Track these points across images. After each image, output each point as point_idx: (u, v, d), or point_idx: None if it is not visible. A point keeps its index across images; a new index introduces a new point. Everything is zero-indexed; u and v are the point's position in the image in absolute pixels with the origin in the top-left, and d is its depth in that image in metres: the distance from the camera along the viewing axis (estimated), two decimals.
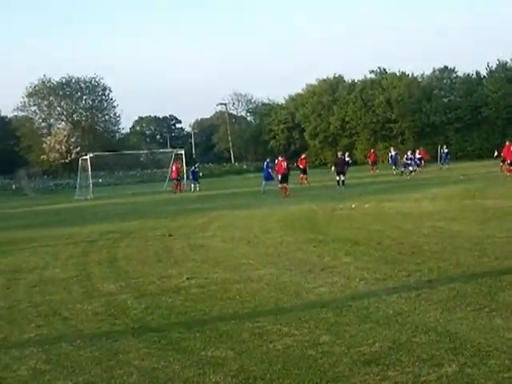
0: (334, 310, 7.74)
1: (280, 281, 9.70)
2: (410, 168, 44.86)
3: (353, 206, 21.86)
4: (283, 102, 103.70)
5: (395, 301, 7.97)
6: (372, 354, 6.07)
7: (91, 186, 46.95)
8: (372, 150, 45.67)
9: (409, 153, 47.16)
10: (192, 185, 43.76)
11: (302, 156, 44.05)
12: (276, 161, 35.17)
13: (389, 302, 7.91)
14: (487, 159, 54.12)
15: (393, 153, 49.67)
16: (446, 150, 52.02)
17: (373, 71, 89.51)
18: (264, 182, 34.32)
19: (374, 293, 8.49)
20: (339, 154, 36.82)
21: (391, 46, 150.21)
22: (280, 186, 31.35)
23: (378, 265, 10.45)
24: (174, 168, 44.75)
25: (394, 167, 47.71)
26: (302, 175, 41.73)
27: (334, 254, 11.80)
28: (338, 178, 33.45)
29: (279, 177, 31.91)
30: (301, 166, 42.10)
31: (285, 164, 32.07)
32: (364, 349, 6.24)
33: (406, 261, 10.63)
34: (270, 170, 34.83)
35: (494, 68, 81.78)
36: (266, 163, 35.87)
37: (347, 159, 36.80)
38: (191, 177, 44.55)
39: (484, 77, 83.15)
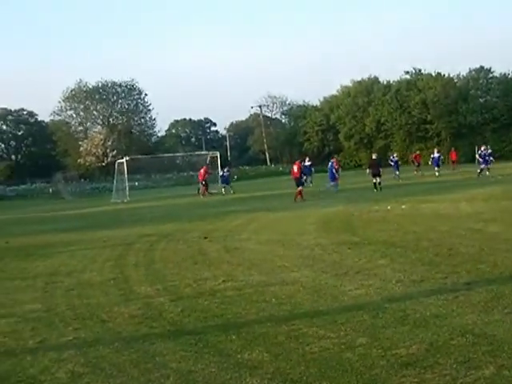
0: (371, 312, 7.71)
1: (316, 283, 9.68)
2: (482, 166, 41.58)
3: (388, 207, 21.72)
4: (318, 103, 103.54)
5: (432, 303, 7.90)
6: (409, 357, 6.04)
7: (127, 189, 47.31)
8: (418, 152, 44.49)
9: (482, 148, 43.78)
10: (223, 188, 43.78)
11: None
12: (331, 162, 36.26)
13: (426, 304, 7.85)
14: None
15: (436, 154, 48.81)
16: (489, 151, 46.25)
17: (408, 72, 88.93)
18: (331, 183, 34.72)
19: (410, 295, 8.44)
20: (373, 155, 36.31)
21: (426, 47, 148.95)
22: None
23: (415, 267, 10.37)
24: (201, 171, 44.84)
25: (436, 168, 46.62)
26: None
27: (369, 256, 11.74)
28: (374, 181, 32.81)
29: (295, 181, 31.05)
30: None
31: (296, 168, 31.33)
32: (401, 351, 6.21)
33: (443, 263, 10.54)
34: (334, 170, 34.77)
35: None
36: (330, 163, 35.73)
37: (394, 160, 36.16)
38: (221, 180, 44.99)
39: None
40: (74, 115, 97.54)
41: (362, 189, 34.69)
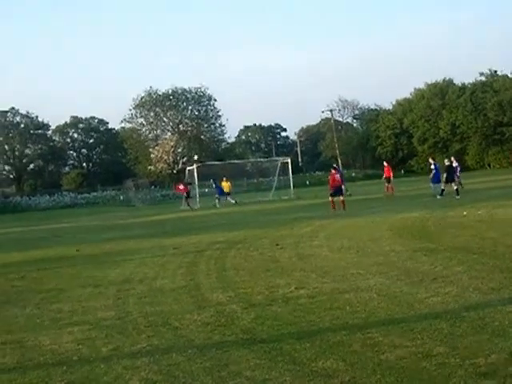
0: (448, 320, 7.60)
1: (391, 291, 9.60)
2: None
3: (464, 213, 21.37)
4: (390, 107, 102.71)
5: (511, 311, 7.75)
6: (488, 366, 5.93)
7: (198, 195, 47.78)
8: (386, 165, 40.74)
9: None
10: (216, 200, 44.32)
11: (385, 164, 42.32)
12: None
13: (504, 313, 7.70)
14: None
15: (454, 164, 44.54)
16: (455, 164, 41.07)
17: (483, 73, 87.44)
18: (433, 185, 34.36)
19: (488, 303, 8.28)
20: (446, 161, 35.43)
21: (501, 47, 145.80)
22: (330, 199, 29.23)
23: (493, 274, 10.17)
24: (181, 187, 46.06)
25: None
26: (387, 185, 40.58)
27: (445, 263, 11.57)
28: (443, 187, 31.61)
29: (331, 190, 29.57)
30: (386, 176, 41.08)
31: (338, 176, 29.66)
32: (479, 360, 6.10)
33: None
34: (439, 174, 34.22)
35: None
36: (435, 166, 34.97)
37: (455, 164, 34.71)
38: (218, 192, 45.12)
39: None
40: (145, 122, 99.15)
41: (436, 194, 34.13)
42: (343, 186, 31.76)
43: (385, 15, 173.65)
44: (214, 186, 46.16)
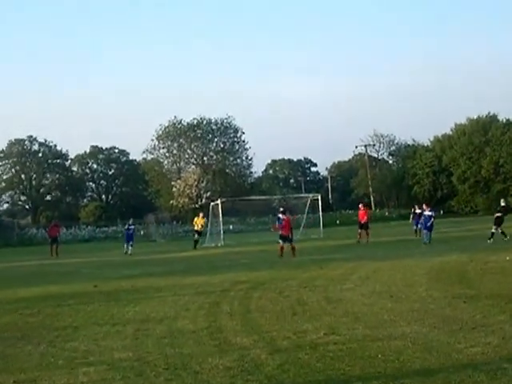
0: (488, 372, 7.53)
1: (427, 339, 9.53)
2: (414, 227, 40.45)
3: (507, 258, 21.20)
4: (428, 143, 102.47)
5: None
6: None
7: (222, 232, 47.83)
8: (362, 208, 38.91)
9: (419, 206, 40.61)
10: (125, 245, 41.25)
11: (361, 207, 40.35)
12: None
13: None
14: None
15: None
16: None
17: None
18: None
19: None
20: (502, 201, 35.25)
21: None
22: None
23: None
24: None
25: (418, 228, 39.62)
26: (360, 230, 38.06)
27: (486, 311, 11.48)
28: (493, 230, 31.26)
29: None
30: (361, 220, 38.64)
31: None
32: None
33: None
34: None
35: None
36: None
37: (429, 213, 32.69)
38: (126, 237, 41.77)
39: None
40: (168, 154, 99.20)
41: (477, 237, 33.93)
42: None
43: (426, 48, 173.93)
44: (128, 227, 42.63)
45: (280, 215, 30.53)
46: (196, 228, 42.08)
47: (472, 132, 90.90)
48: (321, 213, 53.71)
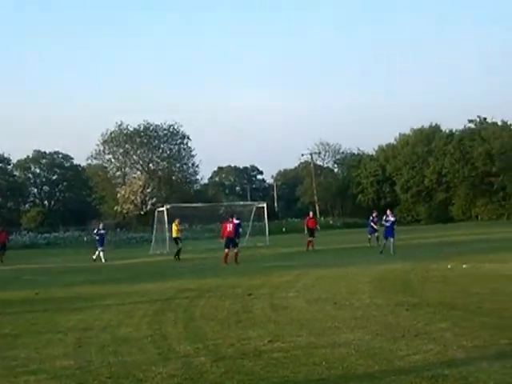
0: (429, 379, 7.64)
1: (370, 346, 9.63)
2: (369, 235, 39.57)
3: (449, 266, 21.58)
4: (373, 152, 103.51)
5: (496, 371, 7.82)
6: None
7: (167, 239, 47.53)
8: (311, 215, 39.15)
9: (374, 214, 40.60)
10: (97, 252, 38.62)
11: (310, 215, 40.47)
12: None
13: (489, 372, 7.77)
14: None
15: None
16: (376, 219, 40.35)
17: (472, 121, 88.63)
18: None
19: (472, 361, 8.35)
20: None
21: (491, 94, 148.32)
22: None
23: (478, 331, 10.26)
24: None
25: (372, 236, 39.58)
26: (309, 238, 38.11)
27: (428, 319, 11.65)
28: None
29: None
30: (308, 227, 38.63)
31: (231, 226, 30.51)
32: None
33: (509, 327, 10.46)
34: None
35: None
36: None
37: (392, 219, 32.05)
38: (98, 242, 39.24)
39: None
40: (113, 159, 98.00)
41: (420, 246, 34.41)
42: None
43: (372, 60, 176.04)
44: (98, 231, 40.28)
45: (236, 220, 30.73)
46: (174, 235, 38.19)
47: (415, 142, 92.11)
48: (266, 220, 53.78)
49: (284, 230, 74.15)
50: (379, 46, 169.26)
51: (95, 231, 40.12)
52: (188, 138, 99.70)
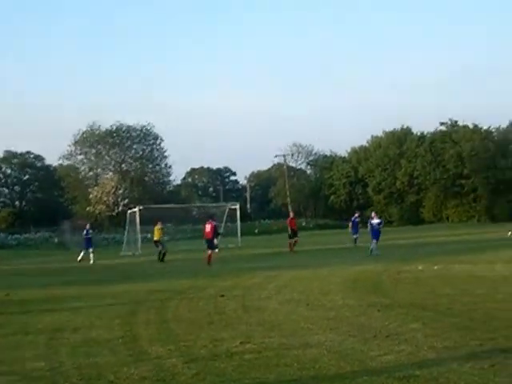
0: (400, 380, 7.67)
1: (342, 347, 9.64)
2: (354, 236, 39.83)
3: (420, 267, 21.72)
4: (345, 154, 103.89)
5: (467, 371, 7.86)
6: None
7: (139, 241, 47.37)
8: (292, 216, 39.08)
9: (356, 214, 41.70)
10: (82, 253, 37.90)
11: (291, 215, 40.67)
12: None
13: (460, 373, 7.81)
14: None
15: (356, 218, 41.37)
16: (358, 219, 41.45)
17: (443, 123, 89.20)
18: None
19: (443, 362, 8.39)
20: None
21: (463, 97, 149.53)
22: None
23: (448, 332, 10.33)
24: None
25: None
26: (292, 239, 37.76)
27: (400, 320, 11.70)
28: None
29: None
30: (291, 228, 38.39)
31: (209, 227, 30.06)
32: None
33: (479, 328, 10.52)
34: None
35: None
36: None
37: (377, 220, 32.07)
38: (85, 243, 38.31)
39: None
40: (85, 160, 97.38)
41: (392, 247, 34.60)
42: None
43: (344, 60, 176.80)
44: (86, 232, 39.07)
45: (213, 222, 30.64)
46: (155, 238, 36.84)
47: (387, 144, 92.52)
48: (239, 222, 53.73)
49: (256, 231, 74.17)
50: (347, 47, 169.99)
51: (84, 232, 39.37)
52: (161, 138, 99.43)
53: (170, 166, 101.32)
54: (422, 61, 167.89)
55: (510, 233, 39.63)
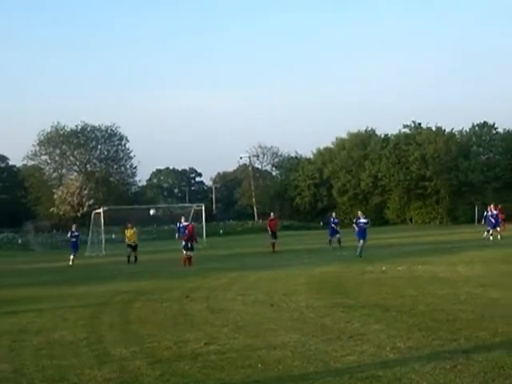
0: (363, 380, 7.73)
1: (305, 348, 9.68)
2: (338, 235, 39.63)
3: (383, 268, 21.85)
4: (311, 156, 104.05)
5: (429, 372, 7.94)
6: None
7: (104, 242, 47.09)
8: (272, 216, 38.96)
9: (333, 214, 42.95)
10: (72, 256, 35.99)
11: (272, 216, 40.29)
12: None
13: (422, 373, 7.88)
14: None
15: (494, 212, 40.51)
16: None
17: (407, 125, 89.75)
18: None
19: (406, 362, 8.46)
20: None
21: (427, 99, 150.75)
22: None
23: (411, 333, 10.41)
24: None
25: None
26: (272, 241, 37.50)
27: (363, 321, 11.77)
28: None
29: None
30: (271, 229, 38.23)
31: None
32: None
33: (441, 329, 10.62)
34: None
35: None
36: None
37: (364, 220, 31.03)
38: (72, 245, 37.11)
39: None
40: (49, 160, 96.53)
41: (355, 248, 34.74)
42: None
43: (308, 61, 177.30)
44: (71, 234, 37.99)
45: (184, 223, 30.54)
46: (130, 241, 35.46)
47: (352, 146, 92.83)
48: (204, 223, 53.58)
49: (221, 232, 73.98)
50: (311, 47, 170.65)
51: (69, 234, 38.70)
52: (126, 139, 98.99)
53: (135, 167, 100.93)
54: (386, 63, 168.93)
55: (485, 234, 39.62)
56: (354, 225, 31.46)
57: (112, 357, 9.85)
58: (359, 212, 33.12)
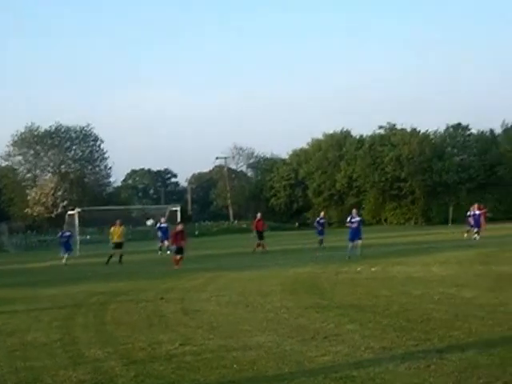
0: (337, 380, 7.75)
1: (280, 349, 9.69)
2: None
3: (358, 269, 21.94)
4: (286, 157, 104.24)
5: (403, 372, 7.98)
6: None
7: (78, 242, 46.87)
8: (259, 216, 38.89)
9: (322, 214, 42.69)
10: (66, 255, 35.72)
11: (258, 216, 39.65)
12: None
13: (396, 373, 7.92)
14: (501, 222, 54.61)
15: (476, 212, 40.23)
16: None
17: (382, 127, 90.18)
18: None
19: (380, 363, 8.49)
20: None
21: (402, 100, 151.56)
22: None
23: (385, 333, 10.47)
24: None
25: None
26: (258, 241, 37.37)
27: (338, 321, 11.80)
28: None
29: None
30: (257, 229, 37.91)
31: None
32: None
33: (415, 329, 10.68)
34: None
35: (509, 125, 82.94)
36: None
37: (358, 218, 30.79)
38: (64, 245, 36.66)
39: (499, 135, 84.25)
40: (23, 161, 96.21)
41: (331, 248, 34.86)
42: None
43: (284, 62, 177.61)
44: (62, 234, 38.17)
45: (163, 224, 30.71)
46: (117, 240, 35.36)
47: (327, 147, 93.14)
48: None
49: (196, 233, 73.86)
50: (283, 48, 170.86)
51: (59, 234, 38.33)
52: (100, 140, 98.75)
53: (109, 168, 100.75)
54: (359, 62, 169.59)
55: (465, 234, 39.73)
56: (349, 224, 30.51)
57: (86, 358, 9.81)
58: (353, 210, 32.44)
